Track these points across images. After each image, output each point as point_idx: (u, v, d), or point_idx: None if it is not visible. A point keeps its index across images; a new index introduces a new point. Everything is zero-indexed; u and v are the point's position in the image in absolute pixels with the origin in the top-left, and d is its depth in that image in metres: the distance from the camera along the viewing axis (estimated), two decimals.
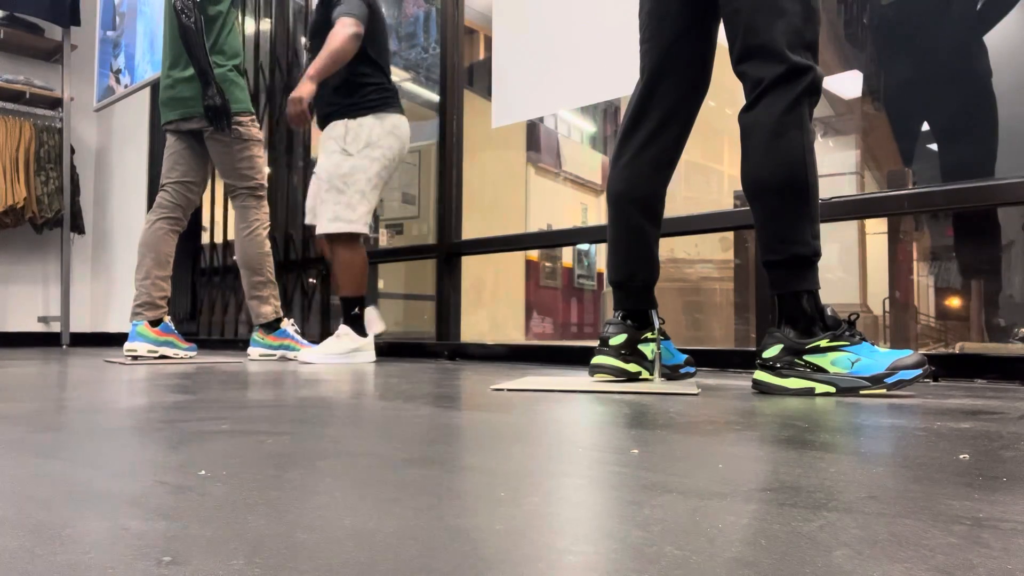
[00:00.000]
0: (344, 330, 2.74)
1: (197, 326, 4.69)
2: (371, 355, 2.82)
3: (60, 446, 0.78)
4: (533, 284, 5.38)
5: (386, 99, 2.74)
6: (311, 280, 3.99)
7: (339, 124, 2.72)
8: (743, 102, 1.49)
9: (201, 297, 4.71)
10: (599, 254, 5.99)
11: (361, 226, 2.70)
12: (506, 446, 0.78)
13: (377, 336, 2.84)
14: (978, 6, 2.15)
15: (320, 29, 2.74)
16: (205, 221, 4.71)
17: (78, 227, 5.08)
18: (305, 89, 2.58)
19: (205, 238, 4.72)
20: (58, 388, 1.54)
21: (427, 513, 0.50)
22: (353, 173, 2.68)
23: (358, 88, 2.71)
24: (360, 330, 2.78)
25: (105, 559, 0.40)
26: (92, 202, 5.43)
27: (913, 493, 0.56)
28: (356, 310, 2.77)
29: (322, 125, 2.82)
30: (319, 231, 2.78)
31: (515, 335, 4.87)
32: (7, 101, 4.81)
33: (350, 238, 2.72)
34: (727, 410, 1.13)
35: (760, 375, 1.44)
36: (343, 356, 2.71)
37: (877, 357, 1.37)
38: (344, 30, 2.57)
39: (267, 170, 3.07)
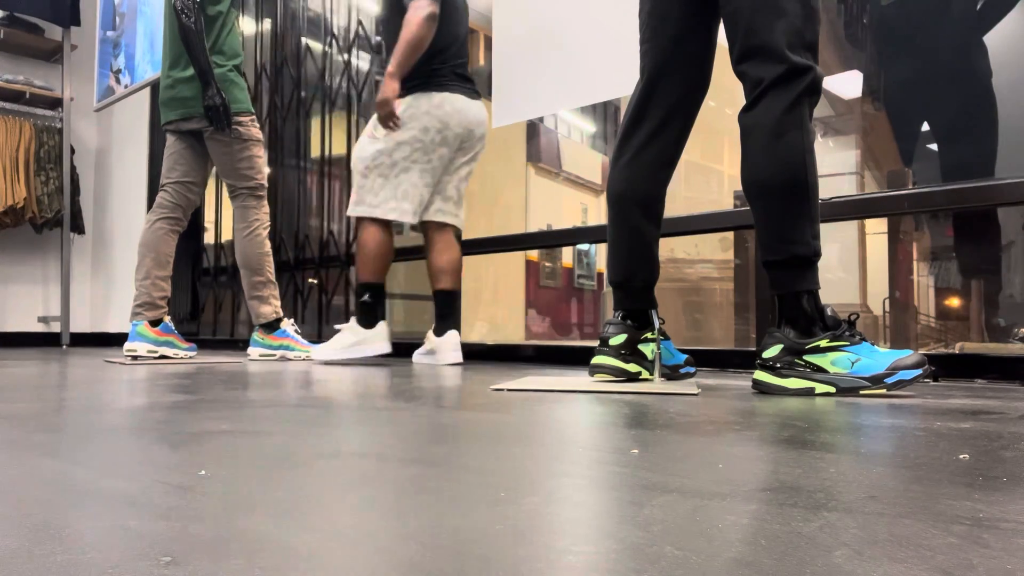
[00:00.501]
0: (349, 324, 2.64)
1: (198, 326, 4.69)
2: (380, 347, 2.65)
3: (60, 446, 0.78)
4: (533, 284, 5.38)
5: (427, 80, 2.58)
6: (311, 280, 3.99)
7: None
8: (743, 102, 1.49)
9: (202, 297, 4.71)
10: (599, 254, 5.99)
11: (386, 211, 2.58)
12: (506, 446, 0.78)
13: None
14: (978, 6, 2.15)
15: (393, 13, 2.63)
16: (205, 221, 4.71)
17: (78, 227, 5.09)
18: (389, 88, 2.47)
19: (206, 238, 4.72)
20: (58, 388, 1.54)
21: (427, 513, 0.50)
22: (376, 156, 2.59)
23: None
24: (366, 320, 2.64)
25: (105, 559, 0.40)
26: (92, 202, 5.43)
27: (913, 493, 0.55)
28: (366, 296, 2.63)
29: None
30: (347, 212, 2.72)
31: (515, 335, 4.87)
32: (7, 101, 4.81)
33: (372, 221, 2.62)
34: (727, 410, 1.13)
35: (760, 375, 1.44)
36: (344, 350, 2.61)
37: (877, 357, 1.37)
38: (417, 14, 2.45)
39: (267, 170, 3.06)
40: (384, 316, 2.72)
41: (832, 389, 1.36)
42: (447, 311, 2.69)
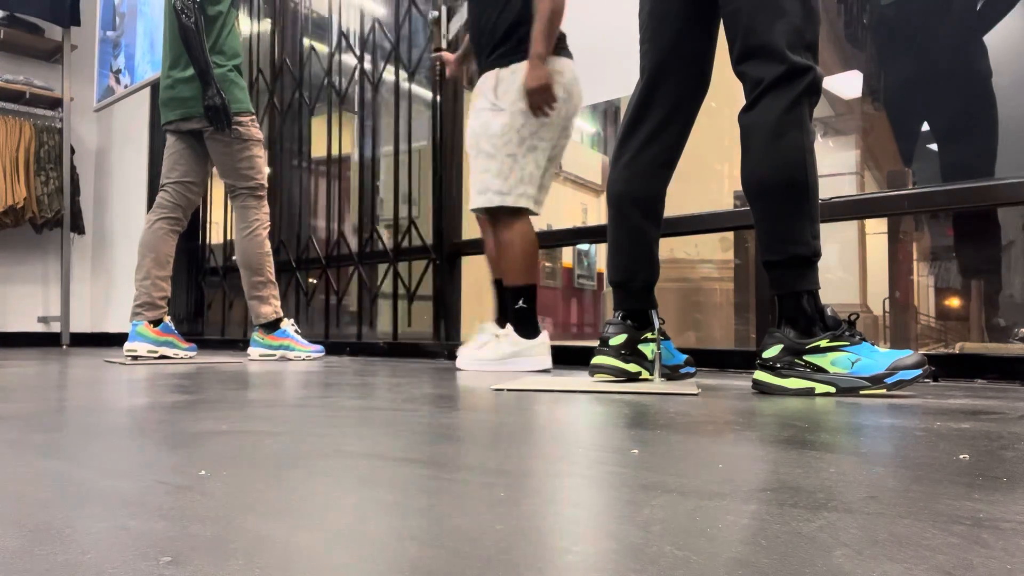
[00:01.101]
0: (504, 331, 2.29)
1: (203, 326, 4.68)
2: (541, 362, 2.26)
3: (60, 446, 0.78)
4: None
5: None
6: (311, 280, 3.99)
7: (490, 75, 2.29)
8: (743, 102, 1.49)
9: (208, 297, 4.70)
10: (599, 254, 5.99)
11: (517, 199, 2.23)
12: (506, 446, 0.78)
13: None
14: (978, 6, 2.15)
15: None
16: (212, 220, 4.70)
17: (78, 227, 5.08)
18: (543, 72, 2.13)
19: (215, 237, 4.71)
20: (58, 388, 1.54)
21: (427, 513, 0.50)
22: (504, 133, 2.22)
23: (514, 30, 2.25)
24: (527, 330, 2.28)
25: (105, 559, 0.40)
26: (92, 202, 5.43)
27: (913, 493, 0.55)
28: (521, 303, 2.27)
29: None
30: (470, 206, 2.33)
31: None
32: (7, 101, 4.81)
33: (511, 213, 2.26)
34: (727, 410, 1.13)
35: (760, 375, 1.44)
36: (498, 362, 2.24)
37: (877, 357, 1.37)
38: None
39: (267, 170, 3.05)
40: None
41: (832, 389, 1.36)
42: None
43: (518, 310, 2.28)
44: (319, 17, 4.10)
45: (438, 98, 3.34)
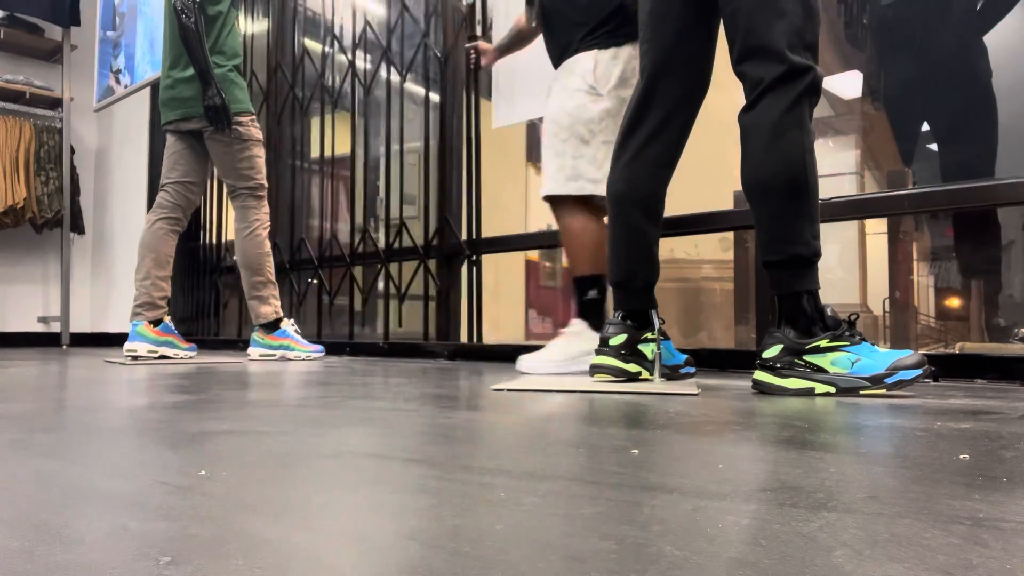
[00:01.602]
0: (574, 327, 2.11)
1: (217, 325, 4.66)
2: None
3: (60, 446, 0.78)
4: (533, 284, 5.38)
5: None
6: (311, 280, 3.99)
7: (586, 56, 2.15)
8: (743, 102, 1.49)
9: (217, 296, 4.69)
10: None
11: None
12: (506, 446, 0.78)
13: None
14: (978, 6, 2.15)
15: None
16: (221, 220, 4.69)
17: (78, 227, 5.09)
18: None
19: (227, 236, 4.69)
20: (58, 388, 1.54)
21: (427, 513, 0.50)
22: (602, 119, 2.10)
23: (613, 13, 2.12)
24: (600, 322, 2.07)
25: (105, 559, 0.40)
26: (92, 202, 5.43)
27: (913, 493, 0.55)
28: (593, 293, 2.12)
29: (557, 61, 2.24)
30: (547, 191, 2.19)
31: (515, 335, 4.87)
32: (7, 101, 4.81)
33: (582, 201, 2.15)
34: (727, 410, 1.13)
35: (760, 375, 1.44)
36: (571, 363, 2.05)
37: (877, 357, 1.37)
38: None
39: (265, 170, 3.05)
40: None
41: (832, 389, 1.36)
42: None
43: (590, 300, 2.12)
44: (318, 16, 4.10)
45: (472, 96, 3.29)
